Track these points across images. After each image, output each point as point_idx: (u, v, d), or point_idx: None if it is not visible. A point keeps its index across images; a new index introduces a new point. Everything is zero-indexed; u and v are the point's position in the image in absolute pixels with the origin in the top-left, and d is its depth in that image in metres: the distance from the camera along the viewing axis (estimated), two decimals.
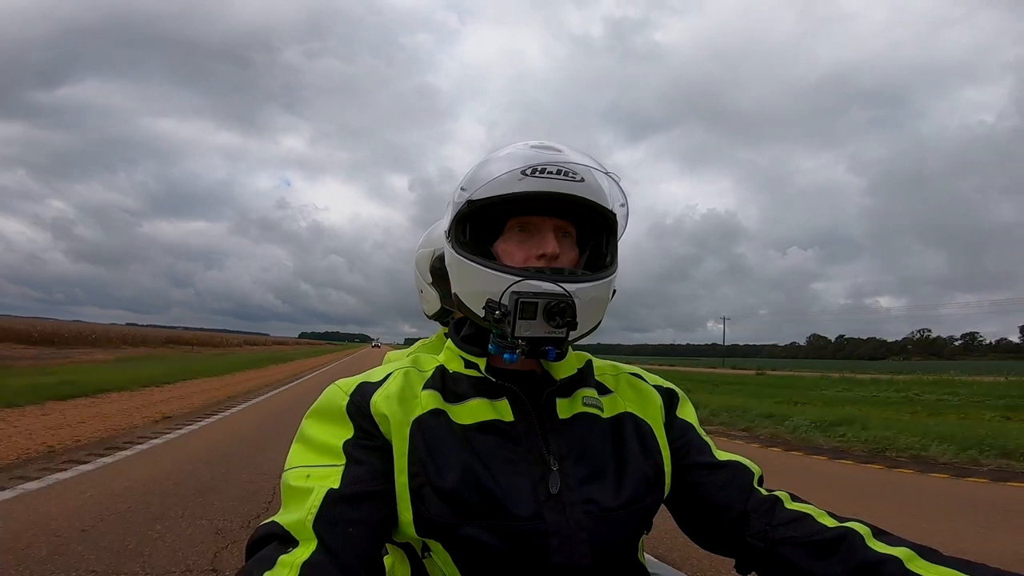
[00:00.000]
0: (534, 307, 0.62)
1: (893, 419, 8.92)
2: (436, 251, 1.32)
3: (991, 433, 6.84)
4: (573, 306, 0.62)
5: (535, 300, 0.62)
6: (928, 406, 12.91)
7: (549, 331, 0.62)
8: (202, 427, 7.12)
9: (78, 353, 28.88)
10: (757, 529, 0.66)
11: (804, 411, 9.66)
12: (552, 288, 0.63)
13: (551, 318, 0.62)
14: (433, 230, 1.41)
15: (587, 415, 0.71)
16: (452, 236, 0.72)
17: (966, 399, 14.77)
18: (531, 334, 0.62)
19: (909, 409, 11.97)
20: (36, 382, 9.95)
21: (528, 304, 0.62)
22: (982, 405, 12.98)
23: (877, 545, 0.59)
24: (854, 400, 14.40)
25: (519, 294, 0.62)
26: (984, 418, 9.79)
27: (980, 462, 5.87)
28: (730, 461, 0.73)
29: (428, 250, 1.38)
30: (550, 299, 0.62)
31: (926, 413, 10.98)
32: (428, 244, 1.41)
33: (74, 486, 4.12)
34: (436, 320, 1.44)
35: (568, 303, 0.62)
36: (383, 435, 0.64)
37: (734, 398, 12.66)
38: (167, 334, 67.09)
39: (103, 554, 2.81)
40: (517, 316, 0.62)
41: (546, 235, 0.69)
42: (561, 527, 0.62)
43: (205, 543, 3.03)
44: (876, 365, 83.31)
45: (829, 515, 0.65)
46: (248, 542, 0.58)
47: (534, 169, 0.66)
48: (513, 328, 0.62)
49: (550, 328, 0.62)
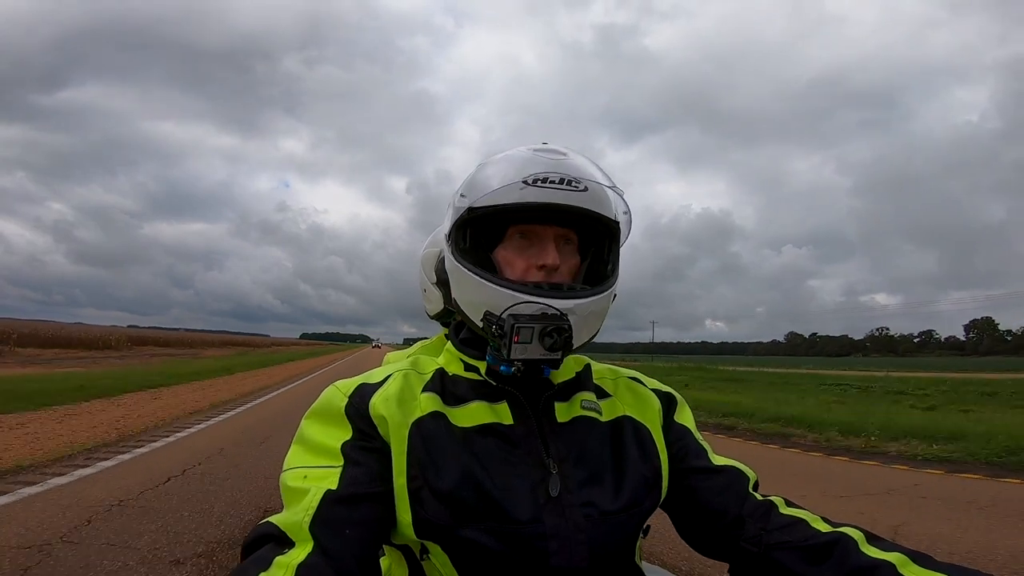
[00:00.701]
0: (530, 331, 0.62)
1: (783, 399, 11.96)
2: (442, 251, 1.25)
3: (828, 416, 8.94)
4: (569, 330, 0.63)
5: (531, 325, 0.62)
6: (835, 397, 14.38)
7: (544, 354, 0.63)
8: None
9: (104, 356, 29.25)
10: (752, 534, 0.66)
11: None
12: (550, 310, 0.63)
13: (547, 341, 0.62)
14: (440, 231, 1.41)
15: (586, 419, 0.71)
16: (452, 242, 0.72)
17: (869, 392, 15.93)
18: (526, 356, 0.63)
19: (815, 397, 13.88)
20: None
21: (524, 328, 0.62)
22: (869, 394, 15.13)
23: (870, 550, 0.59)
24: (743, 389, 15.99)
25: (516, 317, 0.62)
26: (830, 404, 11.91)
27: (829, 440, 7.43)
28: (726, 466, 0.74)
29: (434, 250, 1.37)
30: (547, 323, 0.62)
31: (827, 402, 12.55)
32: (434, 244, 1.39)
33: (216, 426, 7.51)
34: (438, 320, 1.43)
35: (565, 327, 0.62)
36: (381, 437, 0.64)
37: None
38: (183, 336, 68.39)
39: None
40: (512, 340, 0.62)
41: (547, 245, 0.68)
42: (560, 530, 0.62)
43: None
44: (840, 361, 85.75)
45: (823, 520, 0.66)
46: (244, 542, 0.58)
47: (536, 179, 0.65)
48: (508, 351, 0.62)
49: (545, 351, 0.62)
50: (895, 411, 10.14)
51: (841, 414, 9.31)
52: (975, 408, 10.99)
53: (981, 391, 15.27)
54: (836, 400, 12.99)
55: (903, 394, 14.65)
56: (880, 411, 9.80)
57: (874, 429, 7.49)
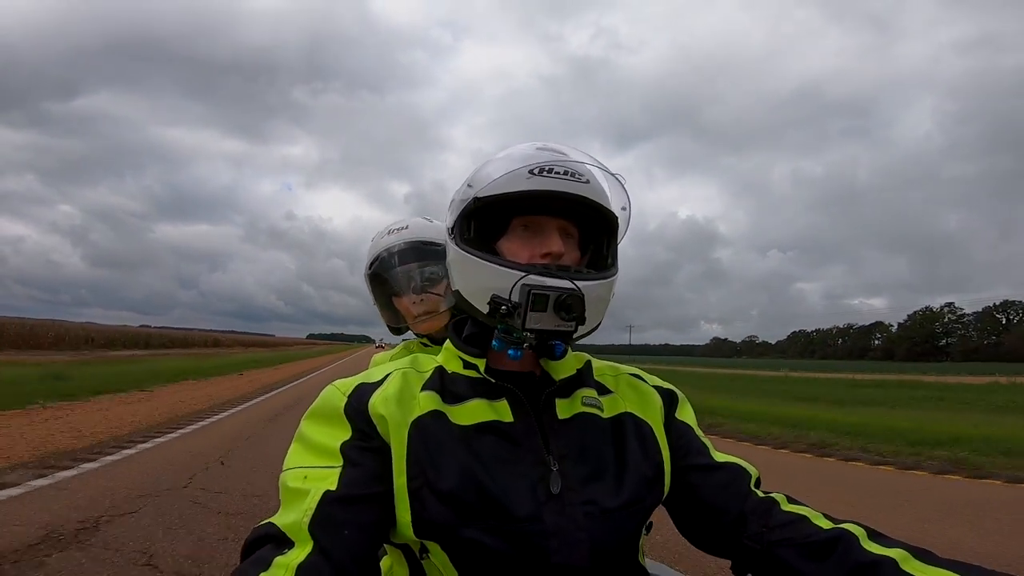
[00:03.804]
0: (545, 299, 0.62)
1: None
2: (371, 268, 1.31)
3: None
4: (583, 300, 0.63)
5: (546, 292, 0.62)
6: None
7: (559, 324, 0.63)
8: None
9: (131, 353, 32.75)
10: (754, 531, 0.66)
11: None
12: (561, 283, 0.64)
13: (561, 311, 0.62)
14: (375, 246, 1.34)
15: (587, 415, 0.70)
16: (456, 233, 0.72)
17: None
18: (541, 326, 0.63)
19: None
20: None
21: (540, 296, 0.62)
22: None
23: (872, 547, 0.59)
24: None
25: (531, 286, 0.63)
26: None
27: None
28: (728, 463, 0.73)
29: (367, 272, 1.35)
30: (561, 292, 0.63)
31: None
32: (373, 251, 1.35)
33: (291, 388, 13.10)
34: (397, 333, 1.40)
35: (578, 296, 0.63)
36: (381, 437, 0.64)
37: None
38: (196, 336, 71.34)
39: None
40: (528, 308, 0.62)
41: (550, 234, 0.69)
42: (561, 528, 0.62)
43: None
44: (731, 361, 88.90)
45: (825, 517, 0.65)
46: (244, 543, 0.58)
47: (541, 169, 0.67)
48: (524, 320, 0.62)
49: (560, 321, 0.63)
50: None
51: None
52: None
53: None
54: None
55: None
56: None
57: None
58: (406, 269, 1.26)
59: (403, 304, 1.28)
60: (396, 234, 1.30)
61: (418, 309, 1.25)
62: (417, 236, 1.28)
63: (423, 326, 1.26)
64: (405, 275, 1.26)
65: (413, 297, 1.25)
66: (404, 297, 1.27)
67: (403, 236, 1.29)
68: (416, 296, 1.25)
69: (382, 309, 1.35)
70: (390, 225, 1.35)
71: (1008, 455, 6.12)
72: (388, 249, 1.29)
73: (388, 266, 1.28)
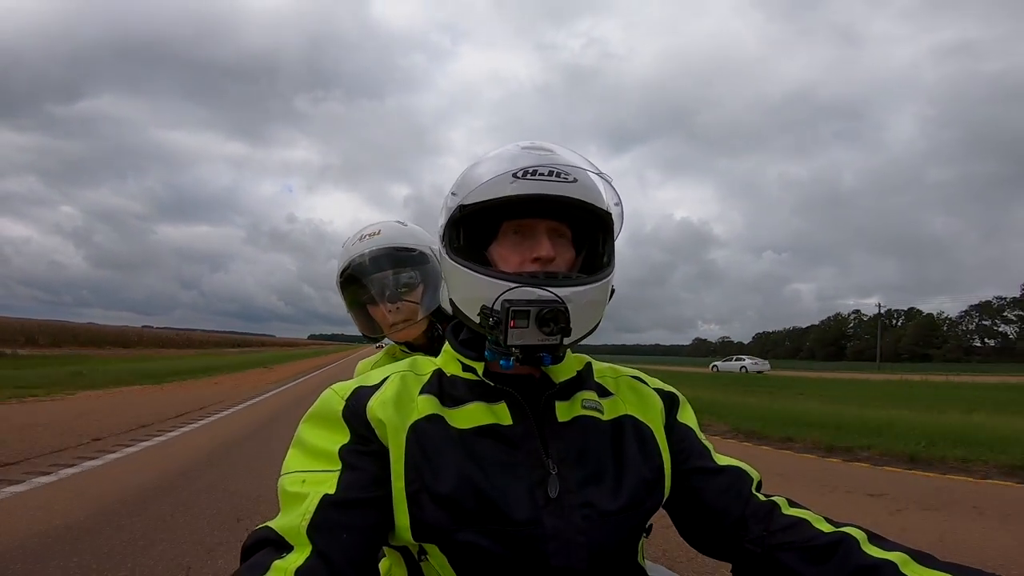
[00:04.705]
0: (526, 315, 0.61)
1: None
2: (345, 264, 1.26)
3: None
4: (566, 312, 0.61)
5: (527, 308, 0.61)
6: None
7: (542, 339, 0.61)
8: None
9: (141, 351, 35.74)
10: (755, 534, 0.66)
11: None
12: (544, 295, 0.62)
13: (544, 325, 0.61)
14: (347, 253, 1.29)
15: (587, 418, 0.70)
16: (446, 241, 0.71)
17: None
18: (524, 342, 0.61)
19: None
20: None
21: (520, 312, 0.61)
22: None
23: (872, 550, 0.59)
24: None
25: (511, 302, 0.61)
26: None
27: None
28: (729, 466, 0.73)
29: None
30: (542, 306, 0.61)
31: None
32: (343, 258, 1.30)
33: (313, 377, 18.18)
34: (373, 341, 1.38)
35: (561, 309, 0.61)
36: (379, 440, 0.63)
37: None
38: (199, 336, 73.68)
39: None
40: (508, 324, 0.61)
41: (540, 238, 0.68)
42: (559, 531, 0.61)
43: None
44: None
45: (826, 520, 0.65)
46: (242, 547, 0.58)
47: (525, 171, 0.65)
48: (505, 336, 0.61)
49: (543, 336, 0.61)
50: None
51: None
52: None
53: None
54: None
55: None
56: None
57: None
58: (380, 277, 1.23)
59: (379, 313, 1.24)
60: (368, 239, 1.26)
61: (395, 317, 1.22)
62: (391, 242, 1.25)
63: (400, 335, 1.25)
64: (379, 283, 1.23)
65: (389, 305, 1.22)
66: (380, 305, 1.23)
67: (376, 242, 1.25)
68: (392, 304, 1.22)
69: (356, 317, 1.31)
70: (362, 230, 1.30)
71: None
72: (361, 255, 1.24)
73: (361, 273, 1.24)
